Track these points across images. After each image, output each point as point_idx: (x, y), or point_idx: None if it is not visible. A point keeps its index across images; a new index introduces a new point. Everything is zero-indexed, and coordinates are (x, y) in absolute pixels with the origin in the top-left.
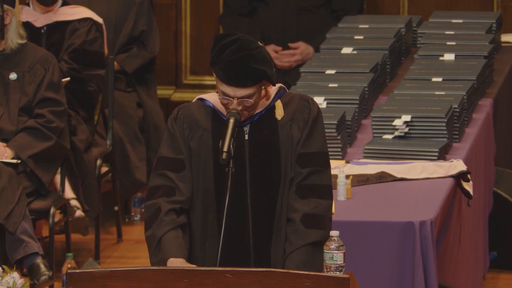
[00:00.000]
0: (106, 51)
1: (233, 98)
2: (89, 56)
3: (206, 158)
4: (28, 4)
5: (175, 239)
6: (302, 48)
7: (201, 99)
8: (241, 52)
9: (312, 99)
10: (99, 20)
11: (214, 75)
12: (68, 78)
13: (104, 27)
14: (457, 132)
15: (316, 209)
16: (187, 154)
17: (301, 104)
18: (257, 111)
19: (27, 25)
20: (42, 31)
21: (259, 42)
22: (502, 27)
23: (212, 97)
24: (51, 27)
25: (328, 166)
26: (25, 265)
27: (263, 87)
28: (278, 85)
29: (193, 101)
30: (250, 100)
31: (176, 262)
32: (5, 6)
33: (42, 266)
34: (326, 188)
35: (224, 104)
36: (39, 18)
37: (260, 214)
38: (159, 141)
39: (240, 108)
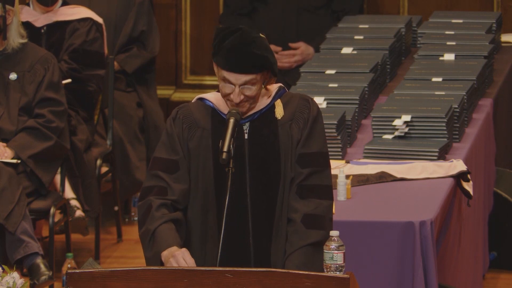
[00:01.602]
0: (106, 51)
1: (234, 85)
2: (89, 56)
3: (205, 158)
4: (28, 4)
5: (168, 230)
6: (302, 48)
7: (201, 99)
8: (243, 39)
9: (312, 99)
10: (99, 20)
11: (215, 66)
12: (69, 80)
13: (104, 27)
14: (457, 132)
15: (316, 209)
16: (184, 155)
17: (301, 104)
18: (257, 109)
19: (27, 25)
20: (42, 31)
21: (261, 34)
22: (502, 27)
23: (212, 96)
24: (51, 27)
25: (328, 166)
26: (25, 265)
27: (263, 86)
28: (278, 84)
29: (193, 101)
30: (252, 87)
31: (169, 254)
32: (7, 6)
33: (42, 266)
34: (327, 189)
35: (226, 95)
36: (39, 18)
37: (260, 214)
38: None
39: (241, 98)
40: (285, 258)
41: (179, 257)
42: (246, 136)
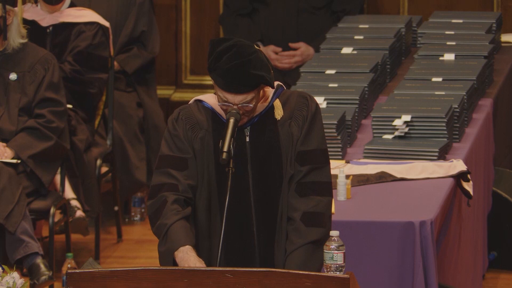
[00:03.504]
0: (112, 52)
1: (232, 104)
2: (93, 60)
3: (208, 159)
4: (36, 4)
5: (183, 228)
6: (302, 49)
7: (199, 101)
8: (239, 59)
9: (310, 96)
10: (106, 24)
11: (212, 81)
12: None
13: (110, 30)
14: (457, 132)
15: (316, 207)
16: (192, 154)
17: (299, 102)
18: (257, 112)
19: (33, 24)
20: (48, 30)
21: (255, 46)
22: (502, 27)
23: (210, 99)
24: (57, 27)
25: (327, 163)
26: (25, 265)
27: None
28: (275, 83)
29: (190, 102)
30: (250, 105)
31: (183, 253)
32: (7, 7)
33: (42, 266)
34: (326, 185)
35: (223, 110)
36: (46, 18)
37: (264, 214)
38: (159, 141)
39: (240, 113)
40: (286, 257)
41: None
42: (247, 139)
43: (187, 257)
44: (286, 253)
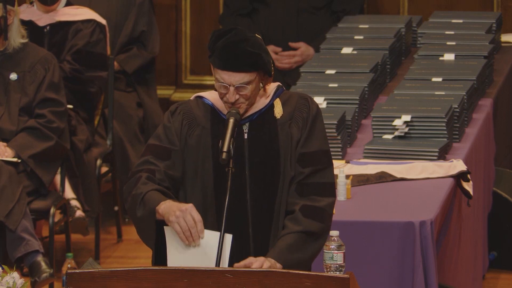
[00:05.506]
0: (109, 51)
1: (229, 85)
2: (92, 58)
3: (204, 156)
4: (32, 4)
5: (160, 194)
6: (302, 49)
7: (200, 97)
8: (236, 37)
9: (311, 98)
10: (103, 21)
11: (212, 67)
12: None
13: (107, 28)
14: (457, 132)
15: (316, 202)
16: (180, 148)
17: (300, 103)
18: (256, 109)
19: (29, 24)
20: (45, 30)
21: (256, 35)
22: (502, 27)
23: (211, 95)
24: (54, 26)
25: (330, 164)
26: (25, 263)
27: (261, 85)
28: (276, 83)
29: (191, 98)
30: (247, 86)
31: (165, 204)
32: (8, 7)
33: (42, 263)
34: (328, 186)
35: (221, 95)
36: (42, 18)
37: (260, 213)
38: None
39: (237, 97)
40: (278, 239)
41: (186, 213)
42: (245, 136)
43: (170, 205)
44: (279, 236)
